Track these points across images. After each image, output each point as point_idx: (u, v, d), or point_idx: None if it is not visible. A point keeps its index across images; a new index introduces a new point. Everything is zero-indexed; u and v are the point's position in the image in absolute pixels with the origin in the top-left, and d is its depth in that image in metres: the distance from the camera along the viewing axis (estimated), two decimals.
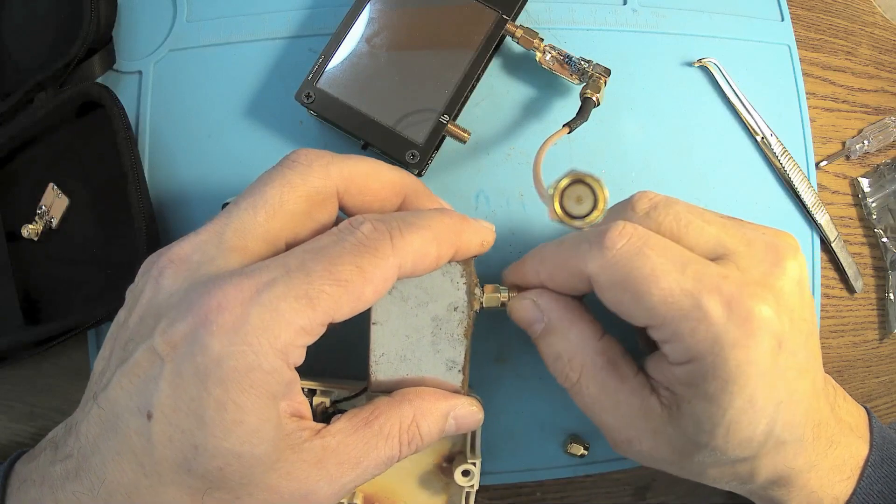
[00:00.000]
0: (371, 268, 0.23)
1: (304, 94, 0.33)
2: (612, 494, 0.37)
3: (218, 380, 0.21)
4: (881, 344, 0.41)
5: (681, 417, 0.26)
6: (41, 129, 0.35)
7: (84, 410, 0.24)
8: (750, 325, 0.24)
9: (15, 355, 0.34)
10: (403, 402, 0.26)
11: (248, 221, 0.24)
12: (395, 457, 0.26)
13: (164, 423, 0.22)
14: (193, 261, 0.24)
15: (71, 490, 0.23)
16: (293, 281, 0.22)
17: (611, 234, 0.25)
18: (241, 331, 0.21)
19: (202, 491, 0.22)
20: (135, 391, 0.22)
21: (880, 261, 0.41)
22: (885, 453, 0.29)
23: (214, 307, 0.22)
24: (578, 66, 0.34)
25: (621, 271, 0.25)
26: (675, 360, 0.25)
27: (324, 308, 0.22)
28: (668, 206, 0.27)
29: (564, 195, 0.25)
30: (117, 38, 0.37)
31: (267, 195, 0.25)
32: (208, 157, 0.36)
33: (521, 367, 0.35)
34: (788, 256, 0.26)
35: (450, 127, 0.33)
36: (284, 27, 0.37)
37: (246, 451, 0.22)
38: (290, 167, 0.25)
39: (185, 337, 0.22)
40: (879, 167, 0.41)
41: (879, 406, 0.41)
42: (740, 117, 0.38)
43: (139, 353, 0.23)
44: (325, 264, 0.23)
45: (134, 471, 0.22)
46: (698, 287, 0.24)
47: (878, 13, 0.43)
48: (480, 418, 0.29)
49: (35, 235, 0.35)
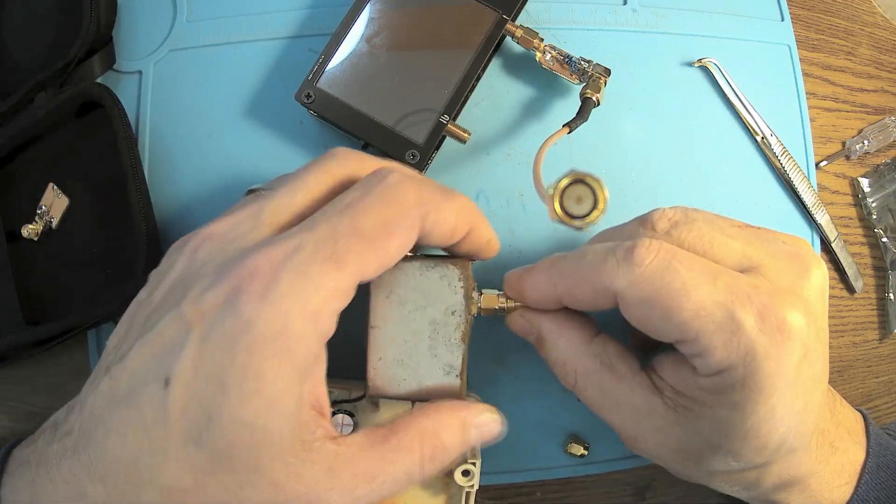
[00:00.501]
0: (396, 220, 0.23)
1: (304, 94, 0.33)
2: (612, 494, 0.37)
3: (245, 346, 0.21)
4: (881, 344, 0.41)
5: (696, 421, 0.25)
6: (41, 129, 0.35)
7: (93, 385, 0.23)
8: (782, 334, 0.24)
9: (15, 355, 0.34)
10: (422, 416, 0.26)
11: (286, 203, 0.25)
12: (417, 472, 0.25)
13: (181, 390, 0.21)
14: (229, 237, 0.24)
15: (67, 468, 0.22)
16: (320, 242, 0.22)
17: (639, 251, 0.25)
18: (271, 296, 0.21)
19: (206, 471, 0.22)
20: (155, 359, 0.22)
21: (880, 261, 0.41)
22: (881, 459, 0.29)
23: (247, 274, 0.22)
24: (578, 65, 0.34)
25: (651, 287, 0.24)
26: (704, 371, 0.25)
27: (351, 268, 0.22)
28: (688, 223, 0.27)
29: (564, 195, 0.25)
30: (117, 38, 0.37)
31: (306, 179, 0.25)
32: (208, 157, 0.36)
33: (521, 367, 0.35)
34: (813, 265, 0.26)
35: (450, 127, 0.33)
36: (284, 27, 0.37)
37: (260, 423, 0.21)
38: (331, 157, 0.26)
39: (217, 304, 0.22)
40: (879, 167, 0.41)
41: (879, 406, 0.41)
42: (740, 117, 0.38)
43: (164, 322, 0.22)
44: (350, 219, 0.23)
45: (138, 444, 0.22)
46: (730, 298, 0.24)
47: (878, 13, 0.43)
48: (502, 429, 0.27)
49: (35, 235, 0.35)
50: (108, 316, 0.32)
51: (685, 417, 0.26)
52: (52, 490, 0.22)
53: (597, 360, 0.28)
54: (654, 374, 0.27)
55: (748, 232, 0.27)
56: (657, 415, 0.26)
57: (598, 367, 0.27)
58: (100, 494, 0.22)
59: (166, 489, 0.22)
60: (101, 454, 0.22)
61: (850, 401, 0.40)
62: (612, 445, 0.36)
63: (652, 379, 0.27)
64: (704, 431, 0.25)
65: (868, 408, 0.40)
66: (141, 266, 0.32)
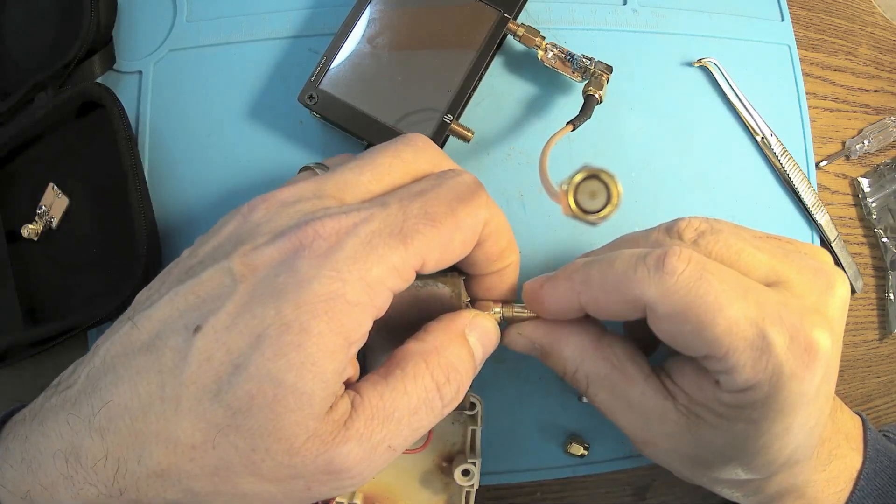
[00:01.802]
0: (464, 213, 0.23)
1: (307, 95, 0.33)
2: (612, 494, 0.37)
3: (294, 301, 0.20)
4: (881, 344, 0.41)
5: (710, 431, 0.25)
6: (41, 129, 0.35)
7: (110, 332, 0.22)
8: (809, 356, 0.23)
9: (15, 355, 0.34)
10: (417, 342, 0.24)
11: (352, 179, 0.24)
12: (436, 398, 0.23)
13: (209, 339, 0.20)
14: (289, 201, 0.23)
15: (64, 419, 0.21)
16: (389, 217, 0.22)
17: (670, 259, 0.24)
18: (332, 258, 0.21)
19: (218, 428, 0.20)
20: (189, 308, 0.21)
21: (880, 261, 0.41)
22: (877, 465, 0.29)
23: (309, 236, 0.21)
24: (580, 63, 0.34)
25: (684, 299, 0.23)
26: (728, 388, 0.24)
27: (416, 247, 0.22)
28: (715, 233, 0.26)
29: (578, 190, 0.25)
30: (117, 38, 0.37)
31: (378, 162, 0.25)
32: (208, 157, 0.36)
33: (521, 367, 0.35)
34: (838, 281, 0.26)
35: (454, 126, 0.33)
36: (285, 27, 0.37)
37: (289, 380, 0.20)
38: (407, 143, 0.26)
39: (270, 260, 0.21)
40: (879, 167, 0.41)
41: (879, 406, 0.41)
42: (740, 117, 0.38)
43: (206, 274, 0.21)
44: (422, 204, 0.22)
45: (150, 392, 0.20)
46: (762, 315, 0.23)
47: (878, 13, 0.43)
48: (497, 333, 0.27)
49: (35, 235, 0.35)
50: (108, 316, 0.32)
51: (697, 426, 0.25)
52: (45, 444, 0.21)
53: (607, 364, 0.27)
54: (667, 379, 0.27)
55: (773, 244, 0.27)
56: (669, 420, 0.26)
57: (609, 371, 0.27)
58: (97, 449, 0.20)
59: (173, 443, 0.20)
60: (105, 403, 0.20)
61: (851, 401, 0.40)
62: (612, 445, 0.36)
63: (664, 383, 0.27)
64: (718, 443, 0.25)
65: (868, 408, 0.40)
66: (141, 266, 0.31)
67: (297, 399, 0.20)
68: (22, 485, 0.21)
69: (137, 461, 0.20)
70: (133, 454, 0.20)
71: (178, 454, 0.20)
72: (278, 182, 0.30)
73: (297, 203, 0.23)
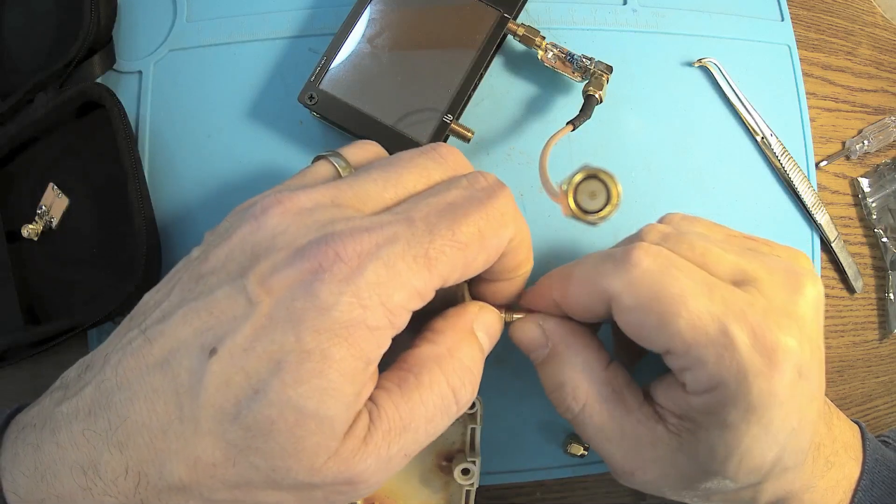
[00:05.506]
0: (491, 234, 0.22)
1: (307, 95, 0.33)
2: (612, 494, 0.37)
3: (313, 328, 0.20)
4: (881, 344, 0.41)
5: (695, 444, 0.25)
6: (41, 129, 0.35)
7: (121, 340, 0.22)
8: (775, 356, 0.23)
9: (15, 355, 0.34)
10: (431, 345, 0.24)
11: (374, 193, 0.23)
12: (451, 404, 0.23)
13: (226, 362, 0.20)
14: (306, 207, 0.22)
15: (80, 431, 0.20)
16: (415, 238, 0.21)
17: (636, 252, 0.24)
18: (353, 283, 0.20)
19: (238, 449, 0.20)
20: (203, 328, 0.20)
21: (880, 261, 0.41)
22: (875, 476, 0.29)
23: (331, 256, 0.20)
24: (580, 63, 0.35)
25: (648, 291, 0.24)
26: (694, 388, 0.24)
27: (440, 271, 0.21)
28: (679, 236, 0.26)
29: (578, 190, 0.25)
30: (117, 38, 0.37)
31: (403, 178, 0.24)
32: (208, 157, 0.36)
33: (521, 367, 0.35)
34: (808, 282, 0.26)
35: (454, 126, 0.33)
36: (285, 27, 0.37)
37: (311, 406, 0.20)
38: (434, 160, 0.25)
39: (289, 284, 0.20)
40: (879, 167, 0.41)
41: (879, 406, 0.41)
42: (740, 117, 0.38)
43: (221, 292, 0.21)
44: (449, 222, 0.22)
45: (168, 412, 0.20)
46: (725, 312, 0.23)
47: (878, 13, 0.43)
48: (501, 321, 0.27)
49: (35, 235, 0.35)
50: (108, 316, 0.32)
51: (687, 442, 0.25)
52: (60, 456, 0.20)
53: (609, 388, 0.27)
54: (654, 404, 0.27)
55: (744, 243, 0.27)
56: (661, 444, 0.26)
57: (610, 395, 0.27)
58: (116, 463, 0.20)
59: (194, 461, 0.20)
60: (122, 417, 0.20)
61: (851, 401, 0.40)
62: None
63: (655, 409, 0.27)
64: (702, 454, 0.25)
65: (868, 408, 0.40)
66: (141, 266, 0.31)
67: (318, 424, 0.20)
68: (36, 493, 0.21)
69: (159, 476, 0.20)
70: (154, 469, 0.20)
71: (199, 471, 0.20)
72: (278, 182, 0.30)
73: (314, 211, 0.22)
